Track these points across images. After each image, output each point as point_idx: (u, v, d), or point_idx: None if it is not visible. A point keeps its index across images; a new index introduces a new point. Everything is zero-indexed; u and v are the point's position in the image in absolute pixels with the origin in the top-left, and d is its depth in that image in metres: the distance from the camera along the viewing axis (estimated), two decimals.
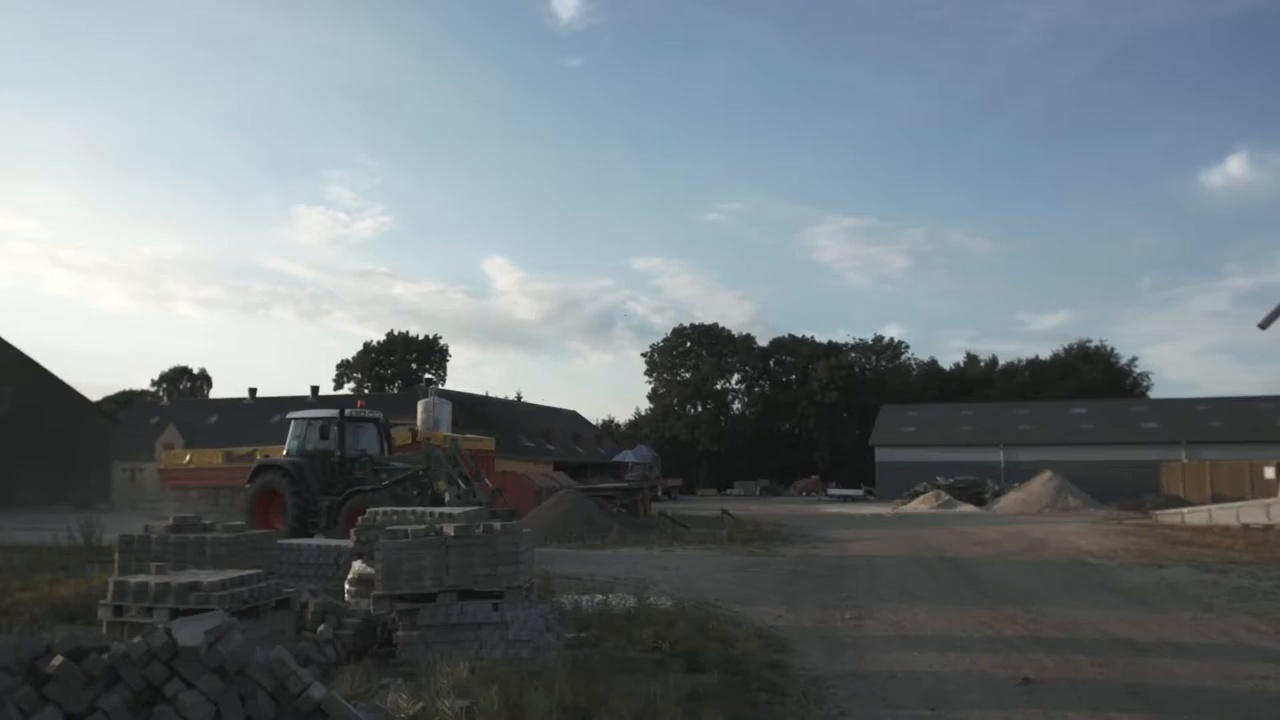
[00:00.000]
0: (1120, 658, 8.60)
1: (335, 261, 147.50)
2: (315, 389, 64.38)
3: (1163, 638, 9.59)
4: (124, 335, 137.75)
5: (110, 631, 6.79)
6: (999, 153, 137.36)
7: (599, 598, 11.03)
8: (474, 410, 53.68)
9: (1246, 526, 27.52)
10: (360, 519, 10.81)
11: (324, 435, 19.97)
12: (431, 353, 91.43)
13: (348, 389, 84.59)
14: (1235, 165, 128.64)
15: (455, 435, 29.29)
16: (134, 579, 7.13)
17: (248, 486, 20.02)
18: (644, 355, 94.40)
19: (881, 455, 61.96)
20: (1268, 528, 26.59)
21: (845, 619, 10.97)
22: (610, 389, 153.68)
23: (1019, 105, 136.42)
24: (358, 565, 9.61)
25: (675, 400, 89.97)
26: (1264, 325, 24.33)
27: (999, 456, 57.56)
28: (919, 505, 44.99)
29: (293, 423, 20.95)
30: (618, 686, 6.55)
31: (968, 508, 43.20)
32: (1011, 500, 43.43)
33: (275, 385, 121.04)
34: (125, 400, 79.97)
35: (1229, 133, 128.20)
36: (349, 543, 10.85)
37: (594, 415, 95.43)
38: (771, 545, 21.82)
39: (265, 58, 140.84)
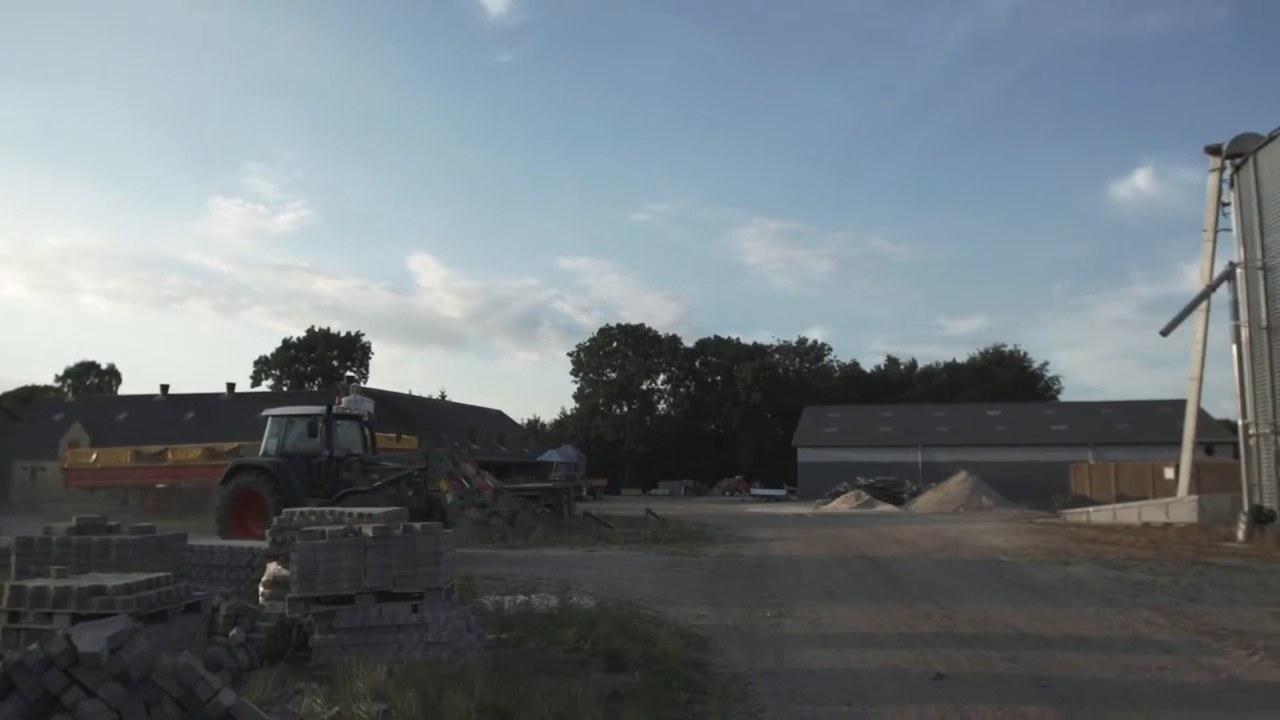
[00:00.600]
0: (1028, 652, 8.87)
1: (254, 255, 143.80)
2: (231, 386, 62.60)
3: (1068, 632, 9.93)
4: (25, 327, 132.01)
5: (5, 639, 6.48)
6: (922, 161, 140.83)
7: (521, 598, 10.97)
8: (397, 409, 52.86)
9: (1147, 525, 28.70)
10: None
11: (310, 434, 18.91)
12: (353, 350, 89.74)
13: (265, 386, 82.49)
14: (1142, 179, 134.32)
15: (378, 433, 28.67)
16: (32, 583, 6.82)
17: (221, 489, 18.85)
18: (570, 355, 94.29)
19: (804, 456, 62.91)
20: (1166, 526, 27.77)
21: (766, 617, 11.10)
22: (536, 388, 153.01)
23: (943, 115, 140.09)
24: (273, 567, 9.37)
25: (601, 400, 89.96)
26: (1165, 332, 25.39)
27: (917, 457, 58.98)
28: (840, 505, 45.79)
29: (270, 420, 19.82)
30: (539, 687, 6.51)
31: (887, 507, 44.14)
32: (928, 500, 44.53)
33: (189, 382, 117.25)
34: (26, 396, 76.52)
35: (1136, 148, 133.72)
36: (264, 544, 10.56)
37: (519, 415, 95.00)
38: (695, 545, 21.96)
39: (183, 45, 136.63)
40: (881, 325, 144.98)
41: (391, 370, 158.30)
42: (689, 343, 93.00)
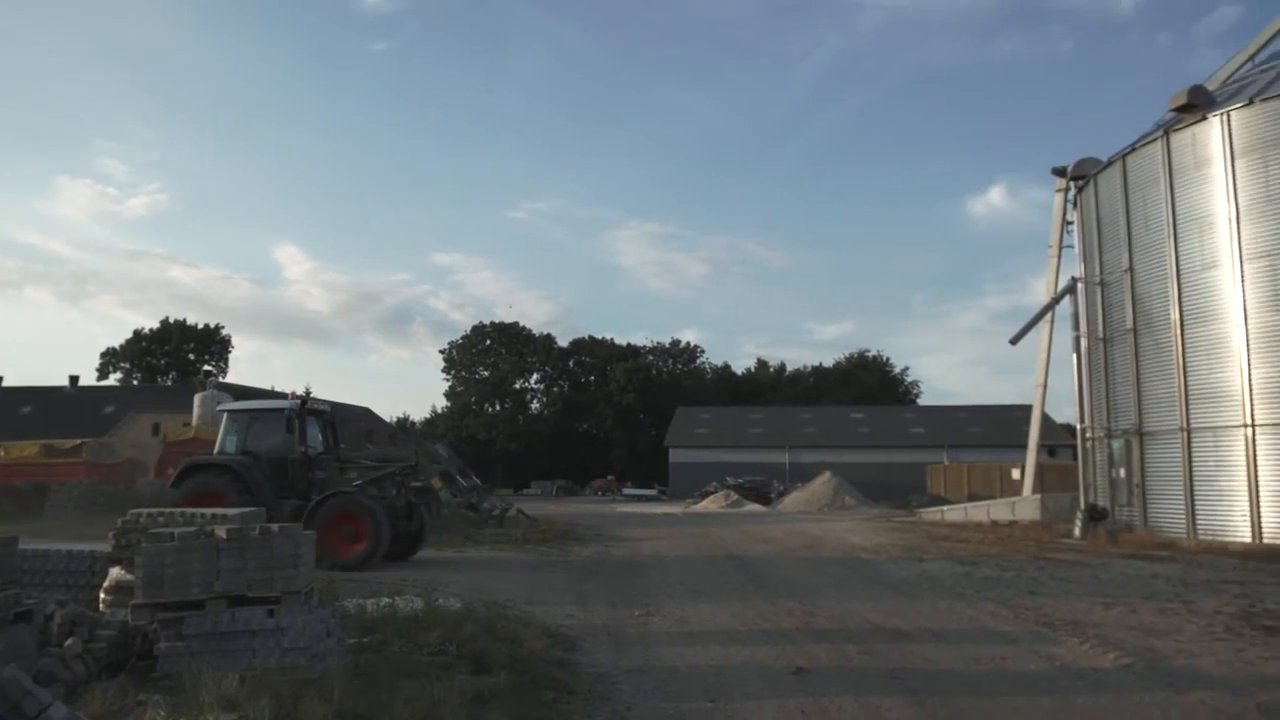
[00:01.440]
0: (884, 645, 9.23)
1: (103, 240, 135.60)
2: (75, 379, 58.90)
3: (921, 625, 10.38)
4: None
5: None
6: (795, 169, 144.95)
7: (385, 600, 10.68)
8: None
9: (995, 523, 30.35)
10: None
11: (280, 430, 17.81)
12: (211, 343, 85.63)
13: (114, 380, 77.82)
14: (996, 196, 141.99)
15: None
16: None
17: (173, 491, 17.47)
18: (442, 352, 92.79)
19: (675, 456, 63.73)
20: (1012, 523, 29.43)
21: (634, 616, 11.17)
22: (406, 386, 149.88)
23: (815, 126, 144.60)
24: (115, 572, 8.83)
25: (473, 399, 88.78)
26: (1014, 341, 26.86)
27: (785, 458, 60.60)
28: (709, 505, 46.56)
29: (228, 417, 18.57)
30: (401, 691, 6.35)
31: (755, 507, 45.15)
32: (794, 500, 45.81)
33: (26, 374, 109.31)
34: None
35: (992, 166, 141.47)
36: (105, 547, 9.93)
37: (388, 413, 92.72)
38: (565, 545, 21.92)
39: (24, 9, 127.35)
40: (753, 328, 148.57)
41: (253, 365, 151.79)
42: (563, 342, 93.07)
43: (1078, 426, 26.17)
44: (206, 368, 79.14)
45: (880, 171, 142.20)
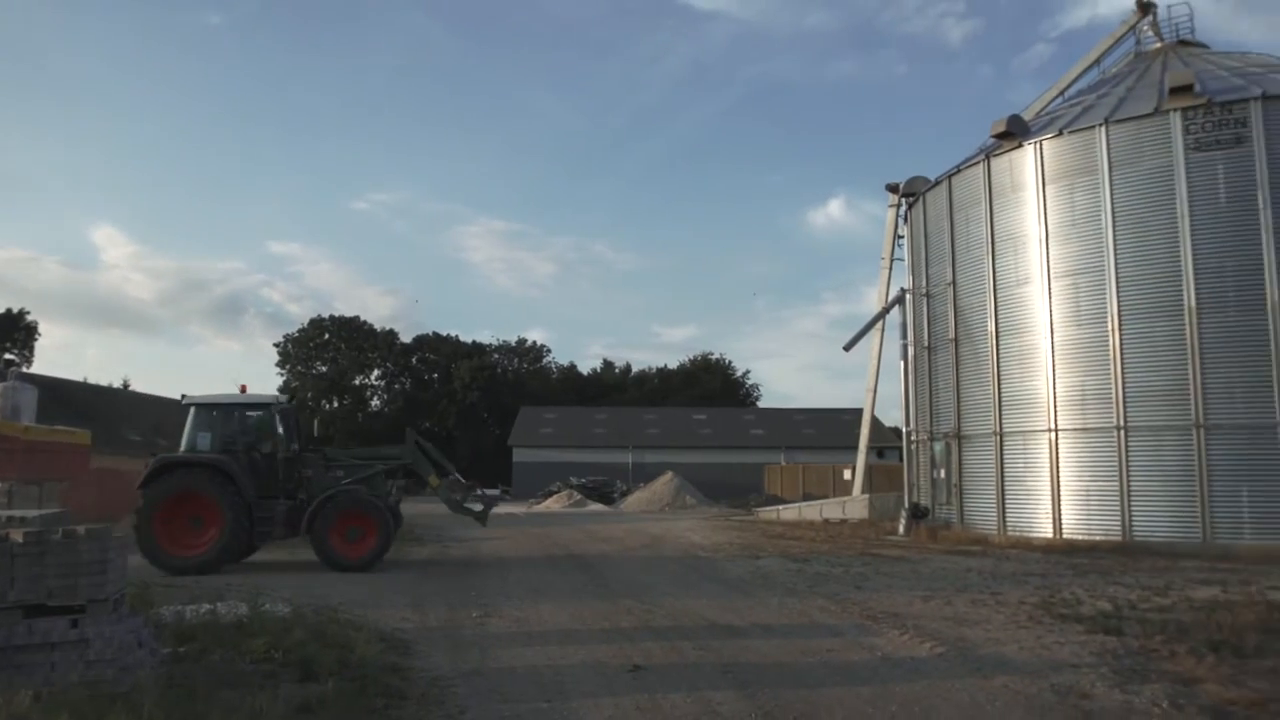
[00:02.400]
0: (718, 641, 9.46)
1: None
2: None
3: (755, 621, 10.70)
4: None
5: None
6: (645, 173, 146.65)
7: (206, 607, 10.12)
8: (67, 398, 46.95)
9: (827, 521, 31.70)
10: None
11: (260, 426, 16.92)
12: (15, 329, 78.63)
13: None
14: (835, 208, 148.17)
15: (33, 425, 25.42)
16: None
17: (142, 491, 15.97)
18: (277, 345, 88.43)
19: (519, 455, 63.33)
20: (843, 522, 30.82)
21: (472, 618, 11.02)
22: (237, 380, 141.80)
23: (664, 131, 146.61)
24: None
25: (310, 394, 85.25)
26: (847, 347, 28.14)
27: (628, 458, 61.23)
28: (553, 504, 46.54)
29: (197, 411, 16.98)
30: (219, 703, 6.03)
31: (598, 506, 45.45)
32: (637, 499, 46.38)
33: None
34: None
35: (832, 179, 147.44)
36: None
37: None
38: (402, 546, 21.34)
39: None
40: (600, 329, 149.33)
41: (64, 354, 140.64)
42: (406, 338, 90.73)
43: (904, 430, 27.62)
44: (8, 356, 72.59)
45: (726, 179, 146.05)
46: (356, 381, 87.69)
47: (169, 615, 9.50)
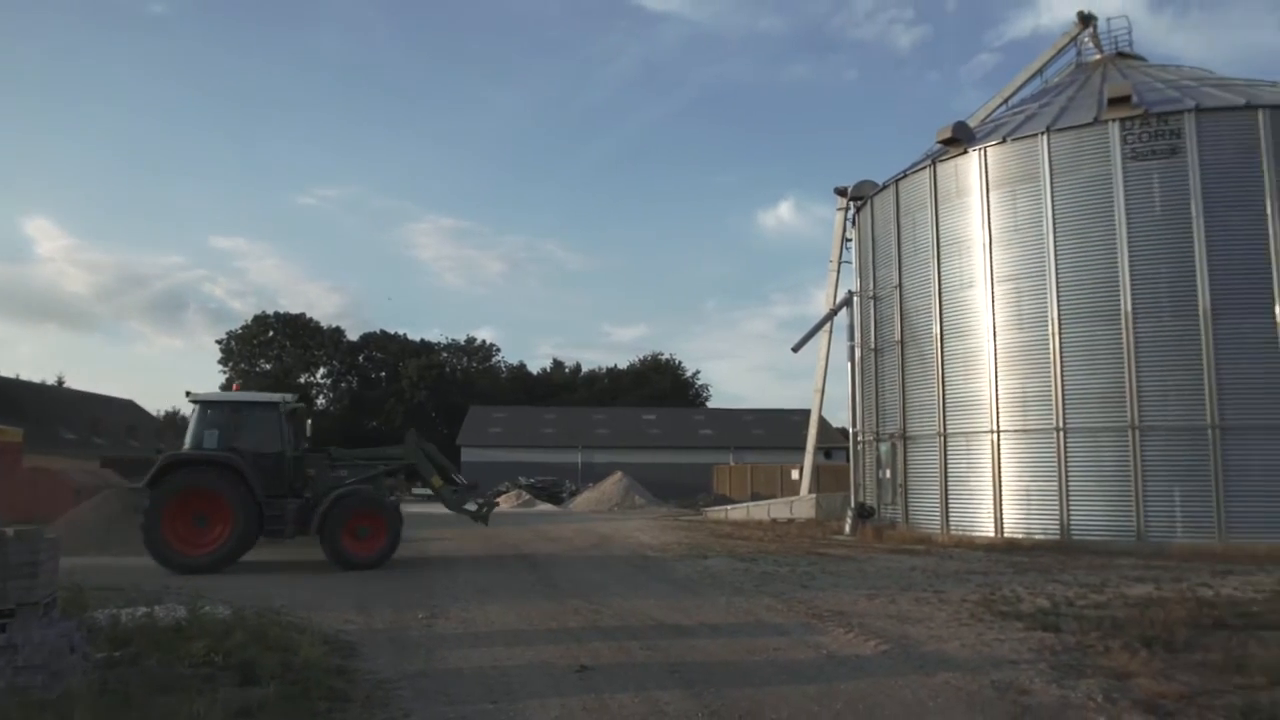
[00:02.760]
0: (666, 641, 9.48)
1: None
2: None
3: (702, 620, 10.75)
4: None
5: None
6: (596, 173, 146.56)
7: (143, 610, 9.88)
8: None
9: (775, 521, 31.95)
10: None
11: (270, 425, 16.84)
12: None
13: None
14: (785, 210, 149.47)
15: None
16: None
17: (149, 490, 15.71)
18: (220, 343, 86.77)
19: (468, 455, 62.83)
20: (790, 521, 31.09)
21: (418, 619, 10.91)
22: (177, 377, 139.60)
23: (616, 131, 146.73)
24: None
25: None
26: (796, 349, 28.39)
27: (577, 458, 61.11)
28: (501, 504, 46.22)
29: (203, 409, 16.85)
30: (154, 708, 5.90)
31: (546, 506, 45.29)
32: (586, 499, 46.30)
33: None
34: None
35: (782, 182, 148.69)
36: None
37: (156, 406, 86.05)
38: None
39: None
40: (550, 329, 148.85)
41: None
42: (353, 336, 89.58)
43: (850, 430, 27.96)
44: None
45: (678, 180, 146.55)
46: (302, 380, 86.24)
47: (104, 619, 9.25)
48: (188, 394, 17.52)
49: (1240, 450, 19.26)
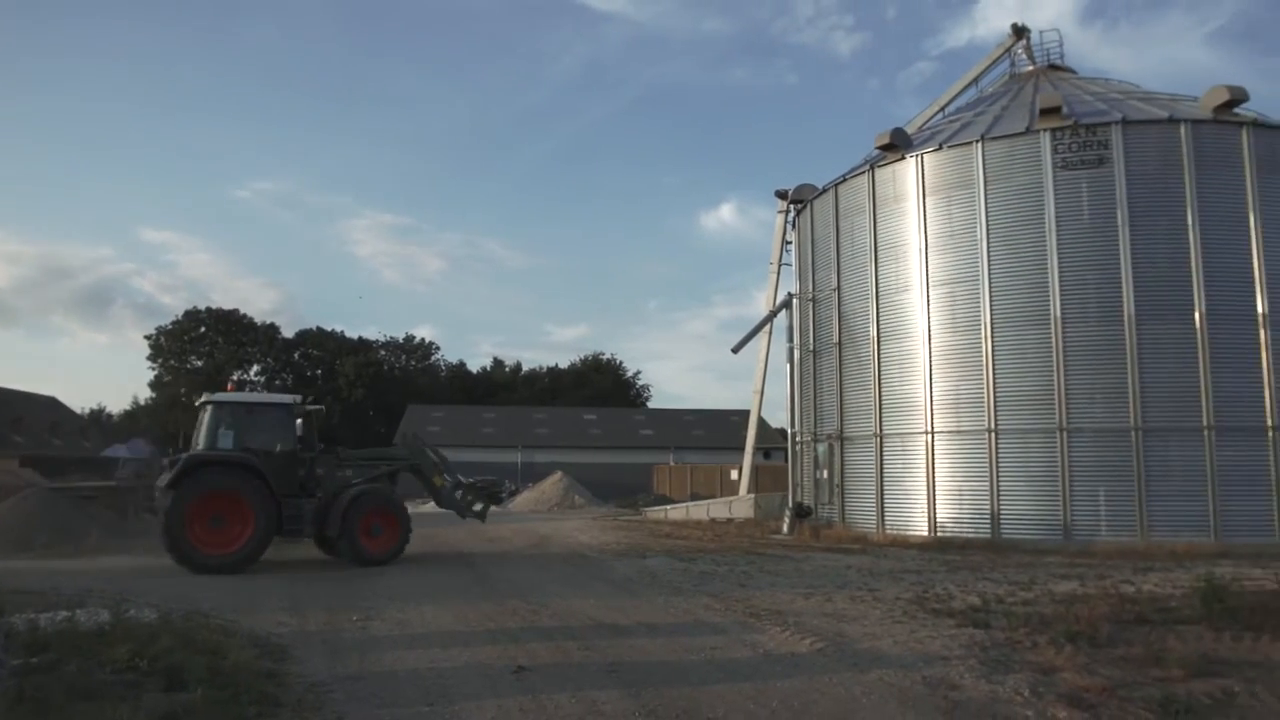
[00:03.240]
0: (604, 641, 9.48)
1: None
2: None
3: (640, 620, 10.77)
4: None
5: None
6: (538, 171, 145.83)
7: (63, 614, 9.56)
8: None
9: (714, 520, 32.14)
10: None
11: (284, 425, 17.14)
12: None
13: None
14: (726, 212, 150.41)
15: None
16: None
17: (170, 491, 15.66)
18: (149, 338, 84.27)
19: None
20: (729, 521, 31.31)
21: (353, 621, 10.74)
22: (103, 374, 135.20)
23: (558, 130, 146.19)
24: None
25: (184, 390, 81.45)
26: (736, 350, 28.61)
27: (517, 457, 60.72)
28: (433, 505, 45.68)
29: (216, 409, 16.88)
30: (75, 716, 5.71)
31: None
32: (526, 499, 46.03)
33: None
34: None
35: (723, 184, 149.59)
36: None
37: (80, 403, 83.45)
38: (281, 547, 20.63)
39: None
40: (490, 327, 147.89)
41: None
42: (288, 333, 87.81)
43: (789, 431, 28.26)
44: None
45: (620, 180, 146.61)
46: (235, 377, 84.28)
47: (21, 624, 8.91)
48: (202, 395, 17.64)
49: (1161, 452, 19.95)
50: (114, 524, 23.19)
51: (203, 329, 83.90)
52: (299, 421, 17.66)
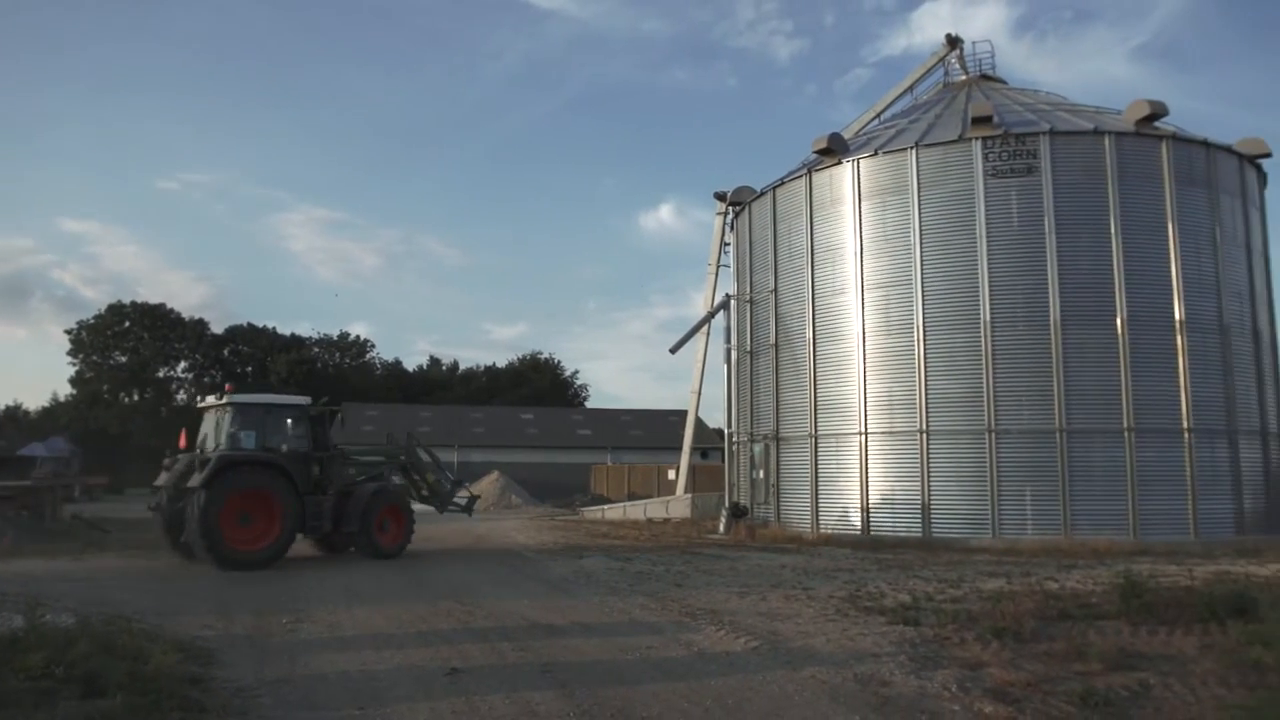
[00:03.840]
0: (538, 641, 9.43)
1: None
2: None
3: (575, 620, 10.74)
4: None
5: None
6: (477, 168, 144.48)
7: None
8: None
9: (651, 520, 32.23)
10: None
11: (309, 426, 18.11)
12: None
13: None
14: (666, 213, 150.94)
15: None
16: None
17: (203, 490, 15.87)
18: (69, 333, 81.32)
19: None
20: (666, 520, 31.43)
21: (282, 624, 10.51)
22: (19, 369, 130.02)
23: (499, 126, 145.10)
24: None
25: (106, 387, 79.05)
26: (673, 350, 28.71)
27: (454, 457, 60.05)
28: None
29: (237, 410, 17.38)
30: None
31: (421, 506, 44.29)
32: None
33: None
34: None
35: (663, 184, 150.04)
36: None
37: None
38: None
39: None
40: (427, 325, 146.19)
41: None
42: (218, 329, 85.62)
43: (726, 431, 28.46)
44: None
45: (560, 179, 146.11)
46: (161, 374, 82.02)
47: None
48: (220, 395, 18.00)
49: (1084, 453, 20.60)
50: (31, 525, 22.36)
51: (127, 324, 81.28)
52: (308, 419, 18.36)
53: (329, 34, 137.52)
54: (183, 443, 18.81)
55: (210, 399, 18.87)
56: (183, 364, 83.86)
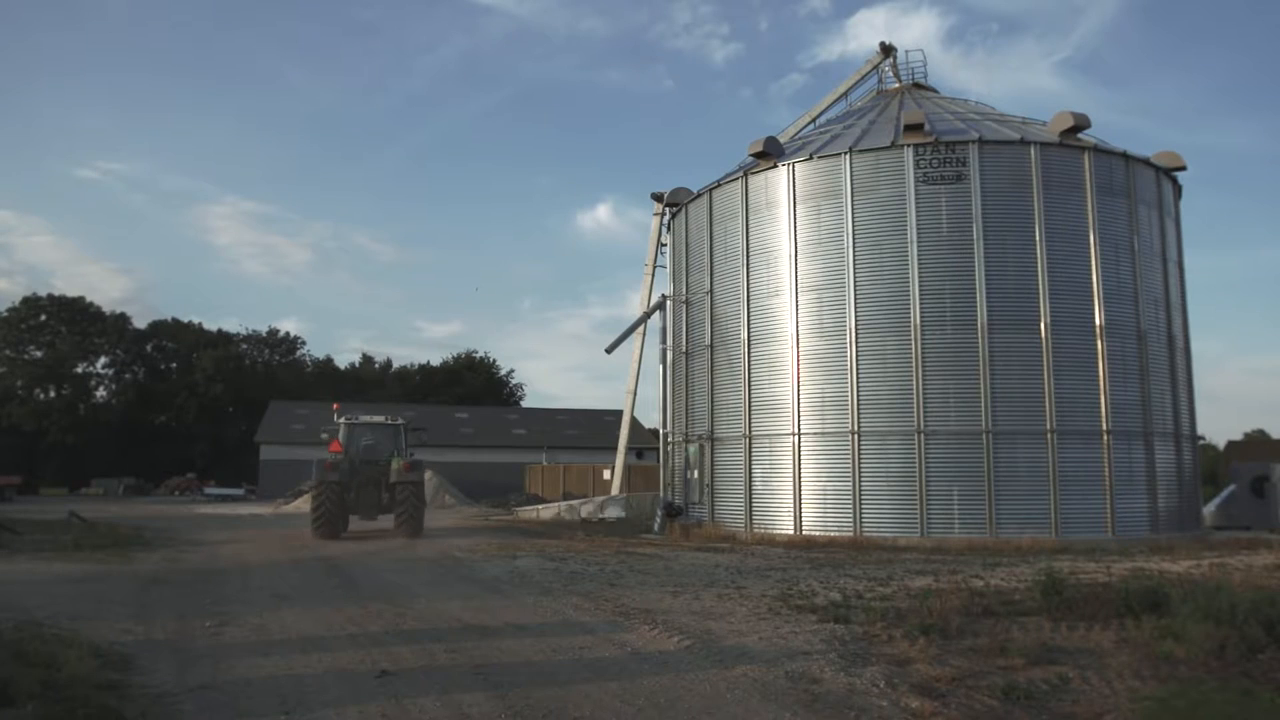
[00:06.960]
0: (471, 642, 9.33)
1: None
2: None
3: (509, 621, 10.66)
4: None
5: None
6: (410, 163, 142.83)
7: None
8: None
9: (585, 520, 32.16)
10: None
11: (397, 438, 26.41)
12: None
13: None
14: (603, 213, 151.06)
15: None
16: None
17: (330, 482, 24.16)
18: None
19: (267, 453, 59.66)
20: (600, 520, 31.40)
21: (206, 628, 10.23)
22: None
23: (433, 122, 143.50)
24: None
25: (20, 383, 76.02)
26: (609, 350, 28.70)
27: None
28: (303, 505, 44.08)
29: (350, 427, 25.98)
30: None
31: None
32: None
33: None
34: None
35: (600, 184, 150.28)
36: None
37: None
38: (129, 551, 19.55)
39: None
40: (359, 322, 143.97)
41: None
42: (140, 324, 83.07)
43: (661, 431, 28.57)
44: None
45: (496, 176, 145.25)
46: (79, 370, 79.20)
47: None
48: (336, 411, 27.36)
49: (1009, 454, 21.17)
50: None
51: (43, 317, 78.36)
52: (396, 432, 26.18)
53: (258, 21, 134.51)
54: (335, 447, 24.98)
55: (380, 418, 27.48)
56: (103, 360, 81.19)
